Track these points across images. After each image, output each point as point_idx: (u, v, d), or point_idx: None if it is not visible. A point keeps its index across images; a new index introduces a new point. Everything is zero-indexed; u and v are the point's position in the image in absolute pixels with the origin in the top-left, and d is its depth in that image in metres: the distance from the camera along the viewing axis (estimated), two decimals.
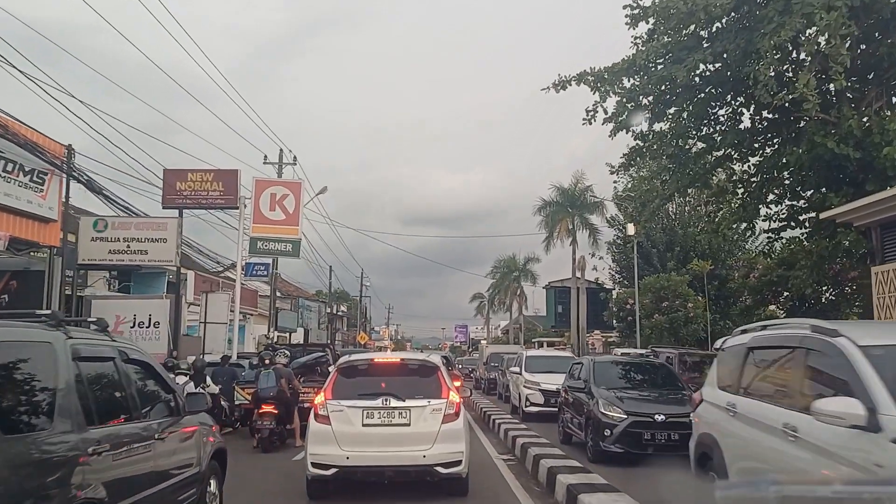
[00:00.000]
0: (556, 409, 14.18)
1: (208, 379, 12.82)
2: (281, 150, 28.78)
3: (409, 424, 7.58)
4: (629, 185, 36.55)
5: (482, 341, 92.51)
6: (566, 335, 59.99)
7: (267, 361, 12.65)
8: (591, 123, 14.88)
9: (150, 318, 20.47)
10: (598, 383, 11.37)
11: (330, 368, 11.42)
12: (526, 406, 16.72)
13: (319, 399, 7.87)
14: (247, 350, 26.51)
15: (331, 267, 42.96)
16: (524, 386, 17.02)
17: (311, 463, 7.63)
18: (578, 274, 43.56)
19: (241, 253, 21.25)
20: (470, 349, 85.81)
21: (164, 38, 22.99)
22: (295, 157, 28.10)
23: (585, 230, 44.28)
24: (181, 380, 11.32)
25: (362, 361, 8.43)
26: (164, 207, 20.87)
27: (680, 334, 31.54)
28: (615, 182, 42.51)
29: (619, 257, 44.04)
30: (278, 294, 47.19)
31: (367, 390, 7.80)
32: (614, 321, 42.43)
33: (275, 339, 25.79)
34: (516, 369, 18.14)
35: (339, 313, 63.16)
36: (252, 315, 28.21)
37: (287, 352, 13.73)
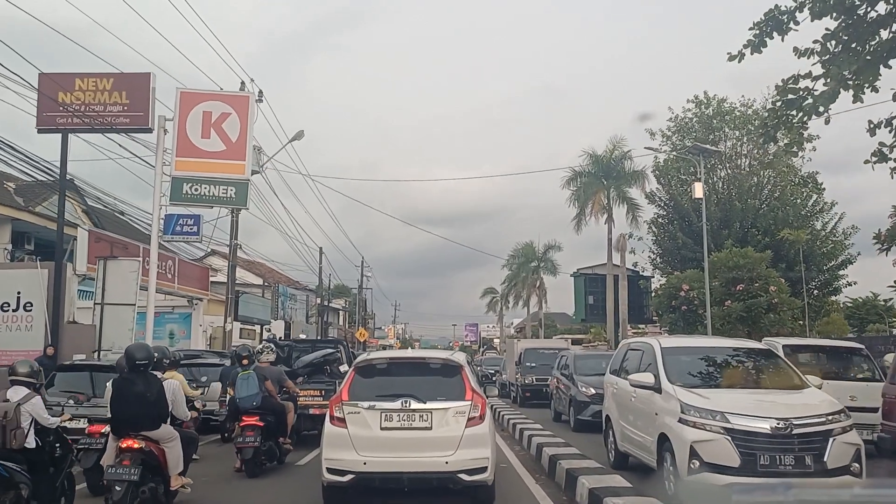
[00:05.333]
0: (772, 479, 6.56)
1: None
2: (242, 82, 21.90)
3: (430, 428, 7.01)
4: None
5: (495, 339, 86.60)
6: (592, 331, 53.15)
7: (245, 360, 9.86)
8: None
9: (18, 298, 13.63)
10: None
11: (342, 368, 11.89)
12: (692, 468, 7.02)
13: (336, 400, 7.34)
14: (195, 348, 19.55)
15: (321, 248, 36.04)
16: (684, 422, 7.34)
17: (327, 469, 7.05)
18: (617, 258, 36.37)
19: (158, 199, 14.28)
20: (482, 348, 79.21)
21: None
22: (261, 92, 21.19)
23: (623, 205, 37.09)
24: (17, 393, 6.49)
25: (381, 360, 7.96)
26: (39, 130, 13.96)
27: (761, 325, 24.52)
28: (657, 149, 35.47)
29: (661, 238, 37.30)
30: (266, 281, 40.45)
31: (386, 391, 7.22)
32: (655, 313, 35.38)
33: (227, 330, 18.91)
34: (646, 380, 8.39)
35: (337, 307, 56.14)
36: (202, 300, 21.31)
37: (273, 347, 11.02)
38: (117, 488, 6.25)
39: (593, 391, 13.67)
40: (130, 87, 13.94)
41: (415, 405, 6.97)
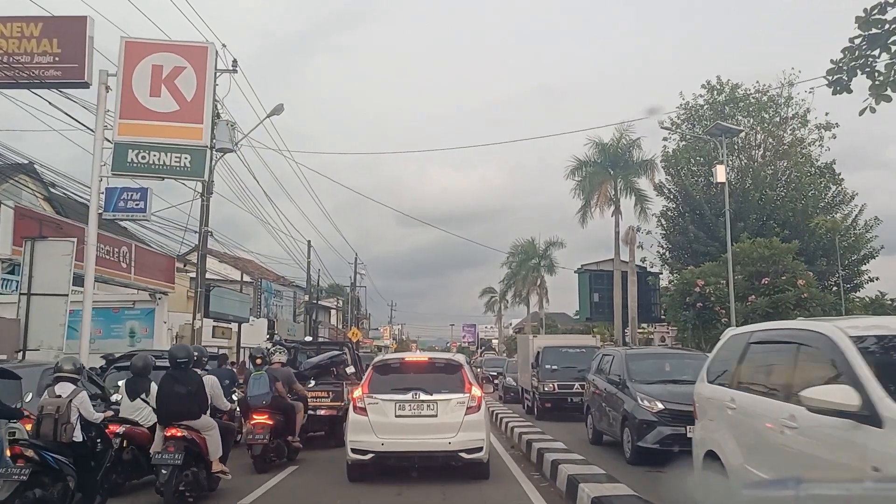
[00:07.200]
0: None
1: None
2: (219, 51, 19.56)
3: (436, 415, 8.52)
4: None
5: (493, 340, 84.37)
6: (595, 330, 50.91)
7: (259, 360, 10.20)
8: None
9: None
10: None
11: (348, 370, 13.03)
12: None
13: (358, 393, 8.86)
14: (158, 348, 17.22)
15: (309, 242, 33.79)
16: None
17: (351, 449, 8.54)
18: (625, 253, 34.11)
19: (97, 169, 12.01)
20: (481, 349, 76.99)
21: None
22: (235, 61, 18.86)
23: (630, 196, 34.88)
24: (65, 389, 6.67)
25: (395, 360, 9.64)
26: None
27: None
28: (672, 128, 33.39)
29: (670, 231, 35.23)
30: (250, 277, 38.16)
31: (400, 385, 8.75)
32: (663, 311, 33.17)
33: (196, 328, 16.63)
34: (843, 401, 4.21)
35: (328, 306, 53.81)
36: (167, 294, 18.97)
37: (284, 349, 11.52)
38: (164, 471, 7.01)
39: (660, 406, 10.24)
40: (63, 34, 11.71)
41: (423, 397, 8.54)
